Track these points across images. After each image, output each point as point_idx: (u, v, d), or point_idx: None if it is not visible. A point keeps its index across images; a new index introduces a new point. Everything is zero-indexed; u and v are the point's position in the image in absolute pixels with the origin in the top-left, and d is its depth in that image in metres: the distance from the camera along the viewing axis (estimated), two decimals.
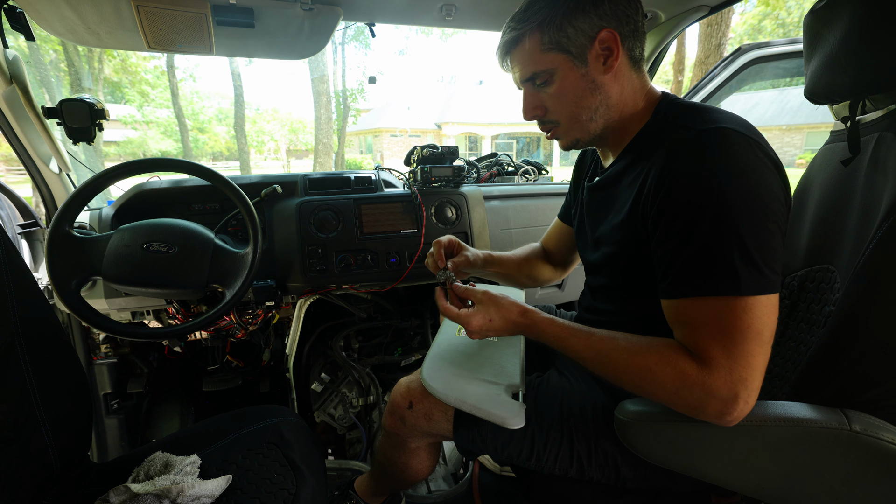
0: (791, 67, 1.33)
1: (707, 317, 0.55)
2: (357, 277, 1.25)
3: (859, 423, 0.57)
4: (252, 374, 1.60)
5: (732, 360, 0.53)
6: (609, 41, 0.66)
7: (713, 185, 0.55)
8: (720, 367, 0.54)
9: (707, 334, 0.55)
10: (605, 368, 0.63)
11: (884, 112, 0.67)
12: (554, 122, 0.73)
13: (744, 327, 0.53)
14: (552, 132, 0.75)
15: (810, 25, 0.71)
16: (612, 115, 0.70)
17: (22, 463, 0.65)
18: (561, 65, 0.67)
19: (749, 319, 0.53)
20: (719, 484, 0.65)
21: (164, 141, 14.21)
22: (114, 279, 0.95)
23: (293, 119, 20.07)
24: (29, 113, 1.03)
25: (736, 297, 0.54)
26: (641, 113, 0.71)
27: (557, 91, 0.69)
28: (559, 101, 0.70)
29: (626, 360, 0.60)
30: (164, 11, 1.00)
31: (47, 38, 6.37)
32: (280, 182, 1.26)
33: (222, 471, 0.75)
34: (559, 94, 0.69)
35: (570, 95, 0.69)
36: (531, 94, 0.73)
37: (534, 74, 0.70)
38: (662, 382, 0.57)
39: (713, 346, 0.54)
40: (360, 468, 1.30)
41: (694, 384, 0.55)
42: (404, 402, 0.84)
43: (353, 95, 13.82)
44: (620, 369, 0.61)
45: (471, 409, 0.68)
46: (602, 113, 0.70)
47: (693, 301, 0.57)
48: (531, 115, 0.74)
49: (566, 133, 0.74)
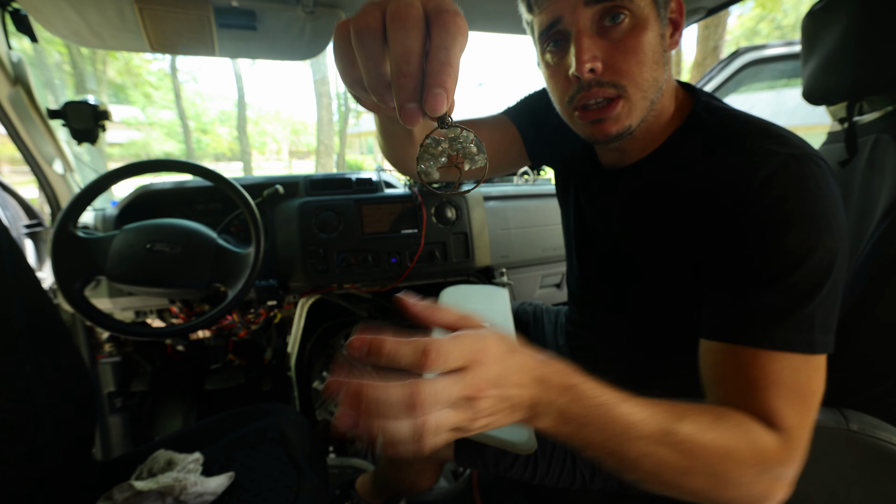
0: (787, 69, 1.33)
1: (780, 375, 0.46)
2: (358, 277, 1.26)
3: (857, 422, 0.57)
4: (254, 372, 1.61)
5: (805, 430, 0.46)
6: (677, 13, 0.56)
7: (814, 230, 0.46)
8: (797, 439, 0.45)
9: (782, 396, 0.46)
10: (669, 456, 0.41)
11: (881, 113, 0.67)
12: (617, 86, 0.53)
13: (815, 389, 0.47)
14: (608, 108, 0.54)
15: (808, 27, 0.71)
16: (658, 106, 0.57)
17: (26, 461, 0.65)
18: (648, 7, 0.52)
19: (819, 381, 0.47)
20: None
21: (168, 142, 14.24)
22: (117, 279, 0.96)
23: (295, 120, 20.09)
24: (33, 114, 1.04)
25: (811, 356, 0.47)
26: (673, 110, 0.60)
27: (634, 41, 0.52)
28: (633, 56, 0.52)
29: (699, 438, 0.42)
30: (167, 13, 1.01)
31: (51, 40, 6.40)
32: (282, 183, 1.27)
33: (225, 468, 0.75)
34: (634, 48, 0.52)
35: (647, 54, 0.52)
36: (592, 36, 0.52)
37: None
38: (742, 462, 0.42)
39: (790, 412, 0.45)
40: (361, 466, 1.30)
41: (776, 459, 0.44)
42: None
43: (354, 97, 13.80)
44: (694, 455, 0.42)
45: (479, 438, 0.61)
46: (657, 98, 0.56)
47: (760, 354, 0.47)
48: (590, 63, 0.52)
49: (629, 109, 0.54)
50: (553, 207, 1.52)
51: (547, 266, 1.53)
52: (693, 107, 0.59)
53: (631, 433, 0.40)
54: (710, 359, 0.51)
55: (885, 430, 0.57)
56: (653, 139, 0.60)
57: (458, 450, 0.76)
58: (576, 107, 0.57)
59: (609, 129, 0.55)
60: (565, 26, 0.53)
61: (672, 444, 0.41)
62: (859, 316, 0.59)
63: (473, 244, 1.35)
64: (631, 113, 0.55)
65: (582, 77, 0.53)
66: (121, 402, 1.39)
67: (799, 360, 0.46)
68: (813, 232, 0.46)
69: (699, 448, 0.42)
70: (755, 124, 0.54)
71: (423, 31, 0.28)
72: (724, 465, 0.42)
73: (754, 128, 0.53)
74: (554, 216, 1.51)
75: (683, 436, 0.41)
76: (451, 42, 0.27)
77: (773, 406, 0.45)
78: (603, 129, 0.56)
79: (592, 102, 0.55)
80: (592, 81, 0.53)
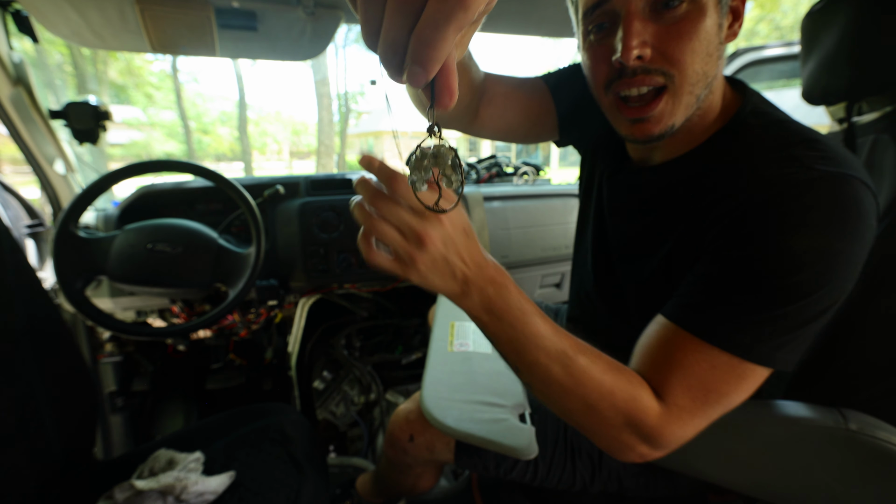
0: (787, 70, 1.33)
1: (699, 364, 0.46)
2: (358, 277, 1.26)
3: (856, 422, 0.57)
4: (255, 372, 1.61)
5: (691, 418, 0.47)
6: (739, 4, 0.51)
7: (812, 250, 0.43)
8: (676, 419, 0.46)
9: (684, 379, 0.46)
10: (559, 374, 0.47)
11: (880, 114, 0.67)
12: (666, 75, 0.49)
13: (725, 392, 0.46)
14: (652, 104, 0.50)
15: (807, 27, 0.71)
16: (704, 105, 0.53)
17: (27, 460, 0.66)
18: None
19: (734, 385, 0.46)
20: (717, 483, 0.65)
21: (169, 142, 14.24)
22: (119, 278, 0.97)
23: (295, 121, 20.09)
24: (35, 115, 1.04)
25: (739, 360, 0.45)
26: (717, 112, 0.55)
27: (689, 27, 0.47)
28: (687, 43, 0.47)
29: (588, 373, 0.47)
30: (168, 14, 1.01)
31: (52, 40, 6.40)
32: (283, 183, 1.27)
33: (225, 468, 0.75)
34: (689, 34, 0.47)
35: (702, 43, 0.48)
36: (643, 20, 0.48)
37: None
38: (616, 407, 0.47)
39: (682, 393, 0.46)
40: (361, 465, 1.30)
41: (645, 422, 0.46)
42: (404, 434, 0.79)
43: (354, 98, 13.85)
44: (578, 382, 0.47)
45: (481, 443, 0.63)
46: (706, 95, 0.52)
47: (695, 341, 0.46)
48: (638, 50, 0.48)
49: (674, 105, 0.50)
50: (553, 207, 1.52)
51: (546, 266, 1.53)
52: (740, 108, 0.54)
53: (535, 342, 0.46)
54: (648, 331, 0.52)
55: (885, 430, 0.57)
56: (692, 139, 0.56)
57: (458, 453, 0.76)
58: (615, 95, 0.53)
59: (651, 130, 0.52)
60: (614, 6, 0.49)
61: (565, 365, 0.46)
62: (858, 315, 0.59)
63: None
64: (675, 110, 0.51)
65: (627, 64, 0.49)
66: (122, 402, 1.39)
67: (724, 358, 0.46)
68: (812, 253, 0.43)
69: (585, 377, 0.46)
70: (804, 134, 0.49)
71: None
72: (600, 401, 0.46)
73: (802, 138, 0.48)
74: (554, 216, 1.51)
75: (577, 364, 0.46)
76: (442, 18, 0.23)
77: (671, 382, 0.47)
78: (644, 129, 0.52)
79: (635, 94, 0.51)
80: (639, 68, 0.49)
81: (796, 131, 0.49)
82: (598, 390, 0.46)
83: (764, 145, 0.49)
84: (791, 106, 0.55)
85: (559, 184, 1.71)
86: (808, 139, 0.48)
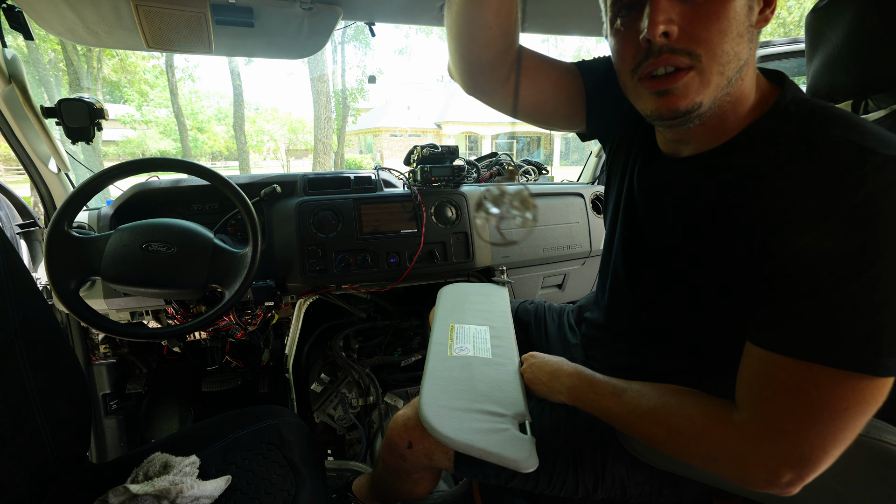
0: (792, 67, 1.33)
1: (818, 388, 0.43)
2: (357, 277, 1.25)
3: None
4: (251, 374, 1.60)
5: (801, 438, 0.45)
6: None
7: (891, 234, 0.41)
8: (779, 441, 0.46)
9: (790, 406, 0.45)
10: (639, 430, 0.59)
11: (886, 111, 0.67)
12: (692, 54, 0.49)
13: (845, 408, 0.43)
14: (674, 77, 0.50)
15: (812, 24, 0.71)
16: (735, 90, 0.51)
17: (20, 463, 0.65)
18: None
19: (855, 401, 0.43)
20: (721, 486, 0.65)
21: (164, 140, 14.20)
22: (113, 279, 0.95)
23: (293, 119, 20.05)
24: (28, 112, 1.03)
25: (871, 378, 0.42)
26: (753, 99, 0.54)
27: (717, 7, 0.47)
28: (715, 23, 0.47)
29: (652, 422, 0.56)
30: (163, 11, 0.99)
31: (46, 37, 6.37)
32: (279, 182, 1.26)
33: (221, 471, 0.74)
34: (717, 14, 0.47)
35: (731, 23, 0.47)
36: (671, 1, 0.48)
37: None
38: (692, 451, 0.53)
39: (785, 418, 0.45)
40: (359, 469, 1.29)
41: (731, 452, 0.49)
42: (403, 441, 0.77)
43: (352, 95, 13.82)
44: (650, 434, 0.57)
45: (480, 455, 0.61)
46: (737, 79, 0.50)
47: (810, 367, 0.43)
48: (665, 26, 0.48)
49: (701, 84, 0.49)
50: (555, 207, 1.51)
51: (548, 266, 1.52)
52: (780, 97, 0.52)
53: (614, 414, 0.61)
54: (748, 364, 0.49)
55: (890, 433, 0.56)
56: (725, 129, 0.54)
57: (457, 461, 0.75)
58: (641, 76, 0.52)
59: (676, 104, 0.50)
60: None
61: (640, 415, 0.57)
62: None
63: (474, 244, 1.34)
64: (703, 88, 0.49)
65: (654, 40, 0.48)
66: (116, 405, 1.38)
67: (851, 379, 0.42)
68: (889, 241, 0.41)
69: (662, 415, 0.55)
70: (850, 119, 0.47)
71: None
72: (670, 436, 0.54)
73: (849, 123, 0.47)
74: (556, 216, 1.50)
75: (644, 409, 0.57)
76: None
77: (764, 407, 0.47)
78: (669, 103, 0.51)
79: (661, 71, 0.50)
80: (665, 47, 0.49)
81: (842, 116, 0.48)
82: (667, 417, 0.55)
83: (811, 136, 0.47)
84: None
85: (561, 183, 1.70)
86: (858, 124, 0.46)
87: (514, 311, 1.05)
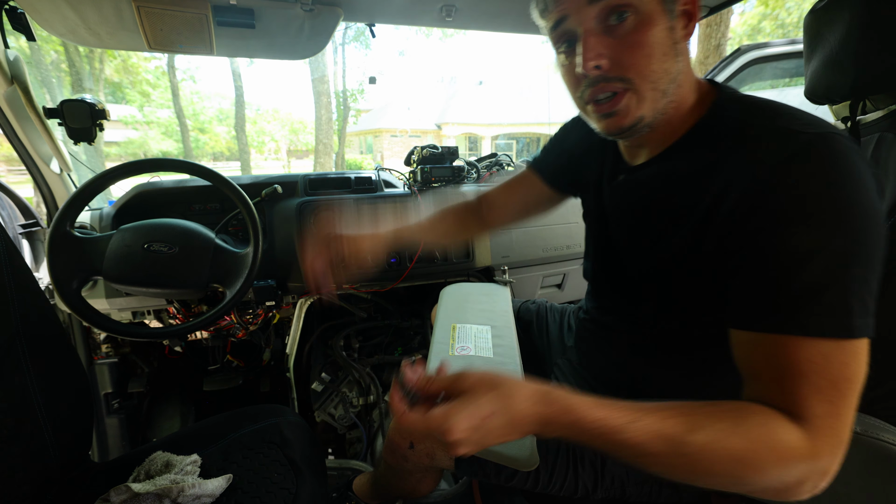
0: (790, 68, 1.33)
1: (813, 363, 0.44)
2: (357, 277, 1.25)
3: (860, 424, 0.56)
4: (252, 373, 1.60)
5: (838, 419, 0.44)
6: (691, 4, 0.55)
7: (841, 209, 0.44)
8: (826, 429, 0.44)
9: (812, 385, 0.44)
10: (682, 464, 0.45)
11: (884, 112, 0.67)
12: (624, 80, 0.54)
13: (851, 376, 0.44)
14: (614, 100, 0.55)
15: (810, 25, 0.71)
16: (675, 98, 0.56)
17: (22, 462, 0.65)
18: (651, 3, 0.52)
19: (855, 368, 0.44)
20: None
21: (165, 141, 14.22)
22: (115, 279, 0.96)
23: (294, 119, 20.08)
24: (30, 113, 1.03)
25: (846, 341, 0.44)
26: (693, 103, 0.58)
27: (639, 37, 0.52)
28: (639, 50, 0.52)
29: (716, 448, 0.44)
30: (165, 12, 1.00)
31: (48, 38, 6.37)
32: (280, 182, 1.26)
33: (223, 470, 0.74)
34: (640, 43, 0.52)
35: (654, 48, 0.52)
36: (597, 35, 0.53)
37: None
38: (765, 465, 0.43)
39: (817, 402, 0.44)
40: (360, 468, 1.30)
41: (799, 456, 0.43)
42: (404, 441, 0.78)
43: (353, 96, 13.82)
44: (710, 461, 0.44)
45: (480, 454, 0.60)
46: (673, 90, 0.55)
47: (796, 341, 0.45)
48: (594, 61, 0.53)
49: (638, 102, 0.54)
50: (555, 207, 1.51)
51: (548, 266, 1.53)
52: (717, 97, 0.57)
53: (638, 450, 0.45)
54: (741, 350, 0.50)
55: (889, 432, 0.56)
56: (674, 131, 0.59)
57: (458, 460, 0.75)
58: (587, 101, 0.58)
59: (621, 123, 0.56)
60: (572, 25, 0.55)
61: (684, 454, 0.44)
62: None
63: (474, 244, 1.34)
64: (641, 104, 0.55)
65: (588, 74, 0.54)
66: (118, 404, 1.38)
67: (830, 346, 0.44)
68: (842, 211, 0.44)
69: (715, 454, 0.44)
70: (781, 108, 0.51)
71: None
72: (740, 470, 0.44)
73: (777, 111, 0.51)
74: (555, 216, 1.50)
75: (696, 447, 0.44)
76: None
77: (799, 396, 0.45)
78: (615, 122, 0.57)
79: (602, 97, 0.56)
80: (599, 77, 0.54)
81: (771, 106, 0.52)
82: (737, 458, 0.44)
83: (747, 126, 0.52)
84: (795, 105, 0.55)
85: None
86: (786, 111, 0.51)
87: (516, 311, 1.05)
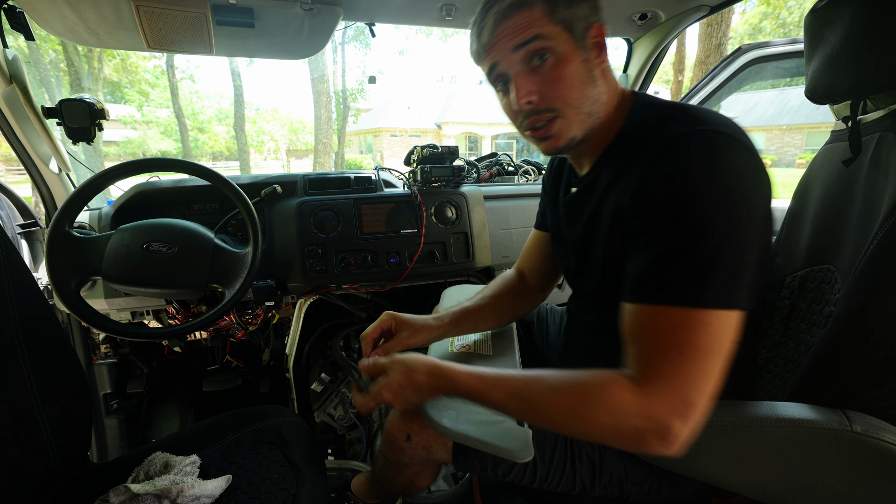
0: (791, 67, 1.33)
1: (662, 329, 0.51)
2: (357, 277, 1.25)
3: (860, 423, 0.57)
4: (252, 374, 1.60)
5: (681, 380, 0.50)
6: (599, 36, 0.64)
7: (696, 187, 0.51)
8: (664, 386, 0.50)
9: (658, 349, 0.51)
10: (533, 415, 0.57)
11: (885, 112, 0.67)
12: (553, 110, 0.63)
13: (697, 343, 0.50)
14: (547, 127, 0.64)
15: (811, 25, 0.71)
16: (601, 115, 0.65)
17: (21, 463, 0.65)
18: (565, 44, 0.61)
19: (705, 336, 0.50)
20: (721, 485, 0.65)
21: (164, 141, 14.22)
22: (113, 279, 0.95)
23: (293, 119, 20.07)
24: (28, 113, 1.03)
25: (695, 310, 0.50)
26: (615, 115, 0.67)
27: (559, 73, 0.61)
28: (562, 84, 0.61)
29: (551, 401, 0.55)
30: (164, 11, 1.00)
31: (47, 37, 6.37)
32: (280, 182, 1.26)
33: (222, 471, 0.74)
34: (561, 77, 0.61)
35: (574, 79, 0.62)
36: (524, 76, 0.63)
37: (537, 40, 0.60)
38: (596, 416, 0.52)
39: (661, 363, 0.51)
40: (359, 468, 1.29)
41: (631, 411, 0.50)
42: (401, 434, 0.79)
43: (353, 95, 13.83)
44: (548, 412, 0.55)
45: (476, 445, 0.63)
46: (597, 109, 0.64)
47: (651, 309, 0.53)
48: (526, 98, 0.63)
49: (567, 125, 0.64)
50: None
51: None
52: (632, 106, 0.66)
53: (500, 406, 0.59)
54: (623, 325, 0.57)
55: (889, 432, 0.56)
56: (602, 140, 0.68)
57: (455, 453, 0.76)
58: (526, 129, 0.68)
59: (556, 144, 0.66)
60: (503, 69, 0.64)
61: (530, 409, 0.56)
62: (863, 315, 0.59)
63: (474, 244, 1.34)
64: (570, 126, 0.64)
65: (522, 109, 0.64)
66: (117, 404, 1.38)
67: (679, 314, 0.51)
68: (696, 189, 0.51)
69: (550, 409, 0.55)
70: (678, 110, 0.60)
71: None
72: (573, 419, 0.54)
73: (675, 113, 0.59)
74: None
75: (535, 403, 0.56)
76: None
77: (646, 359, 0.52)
78: (551, 145, 0.66)
79: (538, 125, 0.65)
80: (531, 111, 0.64)
81: (673, 109, 0.61)
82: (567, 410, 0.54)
83: (646, 129, 0.61)
84: (796, 104, 0.55)
85: None
86: (684, 113, 0.58)
87: None
